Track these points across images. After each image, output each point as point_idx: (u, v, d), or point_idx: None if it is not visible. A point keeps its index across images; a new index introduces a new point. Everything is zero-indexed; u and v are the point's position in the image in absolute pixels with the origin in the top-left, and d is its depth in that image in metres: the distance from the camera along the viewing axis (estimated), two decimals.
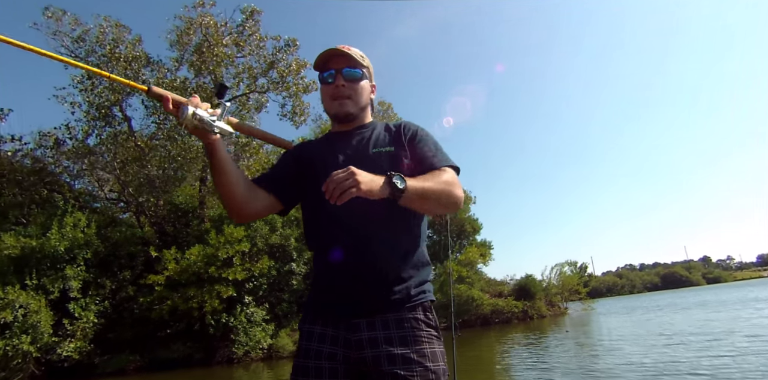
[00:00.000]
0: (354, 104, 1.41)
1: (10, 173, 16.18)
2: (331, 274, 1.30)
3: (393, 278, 1.26)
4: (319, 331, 1.28)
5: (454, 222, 29.91)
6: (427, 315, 1.28)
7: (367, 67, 1.46)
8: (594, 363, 7.53)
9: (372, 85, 1.50)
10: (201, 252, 14.26)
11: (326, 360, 1.23)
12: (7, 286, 11.91)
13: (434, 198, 1.20)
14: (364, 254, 1.26)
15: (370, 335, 1.22)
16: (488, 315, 23.88)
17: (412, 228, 1.34)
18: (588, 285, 30.54)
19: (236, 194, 1.28)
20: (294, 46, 19.88)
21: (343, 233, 1.29)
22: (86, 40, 17.73)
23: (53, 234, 13.39)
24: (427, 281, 1.34)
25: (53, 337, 12.32)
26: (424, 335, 1.24)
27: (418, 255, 1.32)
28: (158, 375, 12.47)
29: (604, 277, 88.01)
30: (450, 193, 1.23)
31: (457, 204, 1.25)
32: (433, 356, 1.22)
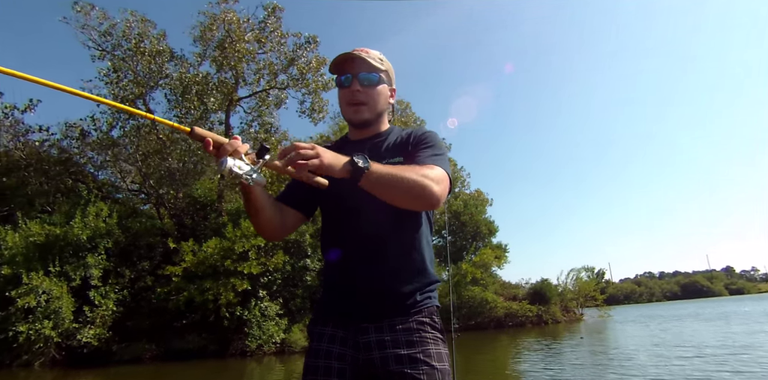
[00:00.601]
0: (370, 110, 1.39)
1: (37, 162, 16.62)
2: (341, 280, 1.36)
3: (400, 284, 1.30)
4: (329, 333, 1.32)
5: (469, 223, 29.75)
6: (433, 318, 1.32)
7: (386, 71, 1.42)
8: (607, 374, 7.35)
9: (391, 89, 1.47)
10: (218, 245, 14.44)
11: (336, 360, 1.28)
12: (32, 272, 12.26)
13: (400, 187, 1.15)
14: (373, 261, 1.31)
15: (378, 337, 1.26)
16: (502, 319, 23.67)
17: (420, 236, 1.36)
18: (605, 292, 30.07)
19: (270, 226, 1.34)
20: (314, 43, 20.01)
21: (353, 240, 1.34)
22: (113, 34, 18.11)
23: (76, 222, 13.73)
24: (432, 288, 1.37)
25: (74, 323, 12.64)
26: (430, 337, 1.28)
27: (425, 263, 1.35)
28: (173, 364, 12.65)
29: (621, 284, 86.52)
30: (420, 185, 1.16)
31: (426, 198, 1.18)
32: (439, 356, 1.26)
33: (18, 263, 12.53)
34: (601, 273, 31.84)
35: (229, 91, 19.25)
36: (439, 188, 1.20)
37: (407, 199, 1.19)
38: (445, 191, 1.23)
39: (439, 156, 1.34)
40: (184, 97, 17.93)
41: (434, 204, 1.20)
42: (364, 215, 1.32)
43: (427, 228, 1.41)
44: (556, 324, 24.55)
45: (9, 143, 16.58)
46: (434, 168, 1.25)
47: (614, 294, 62.66)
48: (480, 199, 32.97)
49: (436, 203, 1.20)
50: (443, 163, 1.31)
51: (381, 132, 1.47)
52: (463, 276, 23.51)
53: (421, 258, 1.34)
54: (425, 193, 1.17)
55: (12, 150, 16.56)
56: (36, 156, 16.68)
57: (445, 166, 1.30)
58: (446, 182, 1.25)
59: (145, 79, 18.36)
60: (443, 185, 1.22)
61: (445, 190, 1.24)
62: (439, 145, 1.39)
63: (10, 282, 12.11)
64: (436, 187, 1.19)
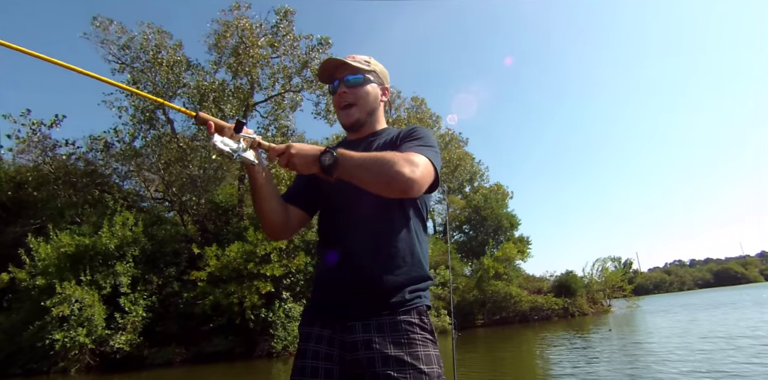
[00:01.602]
0: (360, 110, 1.44)
1: (65, 175, 17.21)
2: (328, 277, 1.35)
3: (388, 282, 1.27)
4: (316, 332, 1.31)
5: (490, 217, 29.54)
6: (422, 319, 1.28)
7: (374, 71, 1.47)
8: (637, 368, 7.18)
9: (384, 87, 1.51)
10: (240, 248, 14.72)
11: (323, 361, 1.26)
12: (64, 282, 12.74)
13: (371, 171, 1.15)
14: (360, 258, 1.30)
15: (364, 337, 1.24)
16: (527, 313, 23.47)
17: (411, 233, 1.34)
18: (633, 282, 29.43)
19: (274, 220, 1.38)
20: (327, 44, 20.12)
21: (341, 237, 1.35)
22: (131, 47, 18.62)
23: (104, 232, 14.19)
24: (423, 287, 1.33)
25: (106, 330, 13.09)
26: (419, 338, 1.25)
27: (415, 261, 1.32)
28: (203, 367, 12.98)
29: (650, 274, 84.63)
30: (391, 168, 1.14)
31: (398, 182, 1.14)
32: (427, 359, 1.22)
33: (51, 273, 13.03)
34: (628, 263, 31.15)
35: (245, 97, 19.56)
36: (413, 171, 1.15)
37: (379, 184, 1.16)
38: (423, 178, 1.18)
39: (425, 147, 1.31)
40: (201, 104, 18.28)
41: (408, 188, 1.15)
42: (351, 213, 1.35)
43: (418, 225, 1.38)
44: (583, 316, 24.20)
45: (38, 158, 17.21)
46: (413, 154, 1.23)
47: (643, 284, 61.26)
48: (500, 193, 32.71)
49: (410, 187, 1.15)
50: (428, 152, 1.28)
51: (376, 131, 1.50)
52: (485, 271, 23.38)
53: (410, 255, 1.32)
54: (397, 177, 1.13)
55: (41, 164, 17.19)
56: (64, 169, 17.26)
57: (429, 155, 1.27)
58: (425, 169, 1.21)
59: (163, 89, 18.82)
60: (420, 171, 1.17)
61: (424, 177, 1.19)
62: (426, 138, 1.36)
63: (44, 292, 12.61)
64: (408, 170, 1.15)
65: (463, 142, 33.22)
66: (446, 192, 34.03)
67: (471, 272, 26.74)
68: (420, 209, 1.40)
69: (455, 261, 25.65)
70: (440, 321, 20.35)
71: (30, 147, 17.03)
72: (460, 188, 33.87)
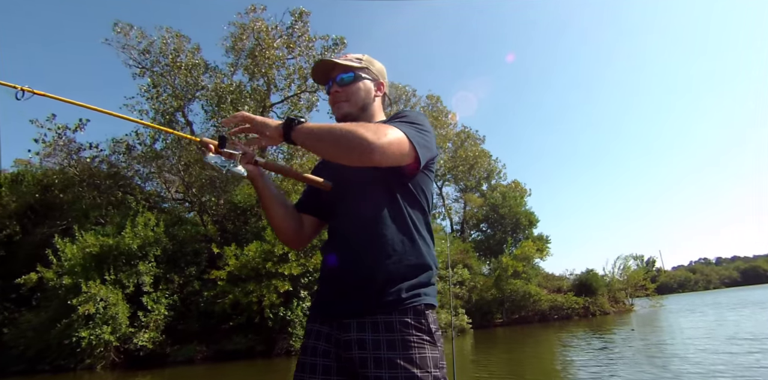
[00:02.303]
0: (350, 105, 1.46)
1: (89, 178, 17.69)
2: (327, 275, 1.36)
3: (383, 280, 1.24)
4: (316, 329, 1.33)
5: (508, 215, 29.28)
6: (419, 319, 1.24)
7: (365, 68, 1.49)
8: (660, 369, 6.99)
9: (379, 83, 1.53)
10: (258, 248, 14.91)
11: (321, 357, 1.27)
12: (90, 281, 13.08)
13: (329, 138, 1.14)
14: (356, 255, 1.29)
15: (358, 336, 1.22)
16: (546, 312, 23.23)
17: (411, 231, 1.31)
18: (656, 281, 28.87)
19: (284, 227, 1.45)
20: (342, 44, 20.25)
21: (340, 235, 1.36)
22: (151, 51, 19.04)
23: (127, 233, 14.54)
24: (423, 285, 1.29)
25: (130, 328, 13.40)
26: (414, 340, 1.20)
27: (415, 258, 1.29)
28: (224, 365, 13.20)
29: (674, 272, 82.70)
30: (351, 134, 1.11)
31: (358, 147, 1.11)
32: (422, 362, 1.18)
33: (77, 273, 13.40)
34: (651, 261, 30.58)
35: (262, 98, 19.81)
36: (377, 138, 1.11)
37: (339, 148, 1.13)
38: (390, 145, 1.14)
39: (405, 123, 1.27)
40: (219, 106, 18.60)
41: (369, 151, 1.10)
42: (343, 209, 1.36)
43: (420, 222, 1.35)
44: (605, 315, 23.83)
45: (63, 161, 17.71)
46: (383, 125, 1.20)
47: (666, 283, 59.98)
48: (518, 190, 32.40)
49: (371, 150, 1.10)
50: (404, 127, 1.23)
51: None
52: (504, 270, 23.21)
53: (409, 253, 1.29)
54: (357, 141, 1.10)
55: (66, 167, 17.69)
56: (88, 172, 17.74)
57: (404, 128, 1.22)
58: (394, 138, 1.16)
59: (182, 92, 19.21)
60: (387, 139, 1.13)
61: (391, 145, 1.14)
62: (410, 117, 1.33)
63: (70, 291, 12.97)
64: (371, 136, 1.11)
65: (480, 140, 33.01)
66: (463, 190, 33.87)
67: (489, 271, 26.57)
68: (417, 197, 1.36)
69: (473, 259, 25.50)
70: (459, 320, 20.29)
71: (56, 150, 17.54)
72: (478, 186, 33.64)
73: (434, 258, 1.35)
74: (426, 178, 1.39)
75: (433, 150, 1.34)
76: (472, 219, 32.68)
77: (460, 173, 32.11)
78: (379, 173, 1.28)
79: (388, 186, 1.31)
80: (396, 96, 30.55)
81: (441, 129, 29.50)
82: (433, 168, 1.40)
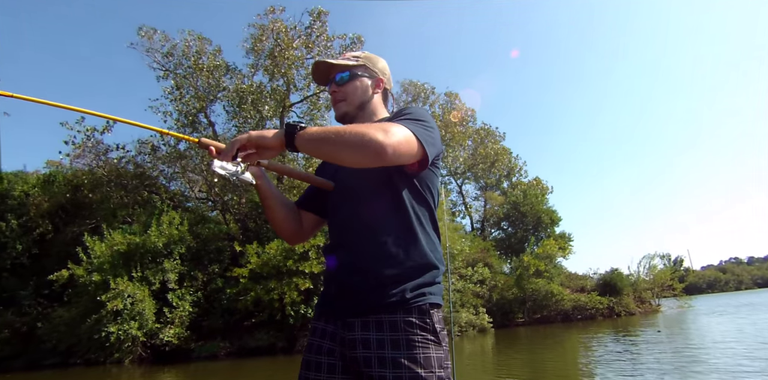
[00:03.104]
0: (348, 104, 1.46)
1: (116, 178, 18.24)
2: (330, 273, 1.35)
3: (387, 279, 1.23)
4: (321, 327, 1.32)
5: (529, 213, 28.92)
6: (423, 318, 1.22)
7: (363, 65, 1.49)
8: (688, 372, 6.77)
9: (378, 79, 1.51)
10: (279, 246, 15.13)
11: (326, 356, 1.27)
12: (118, 278, 13.53)
13: (337, 141, 1.10)
14: (358, 254, 1.28)
15: (363, 335, 1.22)
16: (569, 311, 22.87)
17: (414, 228, 1.29)
18: (684, 281, 28.09)
19: (284, 227, 1.46)
20: (359, 42, 20.34)
21: (342, 233, 1.35)
22: (174, 54, 19.47)
23: (153, 231, 14.95)
24: (428, 284, 1.27)
25: (156, 324, 13.81)
26: (419, 339, 1.19)
27: (418, 256, 1.27)
28: (246, 360, 13.44)
29: (703, 272, 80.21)
30: (359, 134, 1.08)
31: (368, 147, 1.08)
32: (426, 362, 1.17)
33: (106, 270, 13.86)
34: (678, 261, 29.76)
35: (281, 98, 20.03)
36: (388, 138, 1.09)
37: (348, 152, 1.10)
38: (400, 144, 1.12)
39: (410, 121, 1.24)
40: (240, 107, 18.91)
41: (381, 150, 1.08)
42: (343, 206, 1.36)
43: (425, 218, 1.33)
44: (630, 316, 23.32)
45: (92, 162, 18.31)
46: (389, 123, 1.17)
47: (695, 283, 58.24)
48: (539, 187, 31.96)
49: (383, 149, 1.08)
50: (411, 124, 1.21)
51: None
52: (525, 269, 22.95)
53: (413, 251, 1.26)
54: (366, 141, 1.07)
55: (95, 168, 18.28)
56: (115, 172, 18.29)
57: (411, 126, 1.20)
58: (403, 137, 1.14)
59: (204, 93, 19.60)
60: (396, 138, 1.11)
61: (401, 144, 1.12)
62: (414, 114, 1.30)
63: (100, 288, 13.42)
64: (380, 135, 1.08)
65: (500, 137, 32.66)
66: (483, 188, 33.59)
67: (510, 269, 26.30)
68: (422, 193, 1.34)
69: (493, 258, 25.30)
70: (479, 319, 20.18)
71: (85, 152, 18.13)
72: (498, 184, 33.30)
73: (440, 255, 1.33)
74: (432, 174, 1.37)
75: (439, 146, 1.31)
76: (493, 218, 32.38)
77: (480, 171, 31.80)
78: (385, 171, 1.27)
79: (392, 183, 1.30)
80: (414, 94, 30.48)
81: (460, 126, 29.31)
82: (438, 164, 1.38)
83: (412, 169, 1.27)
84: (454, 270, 20.71)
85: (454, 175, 32.73)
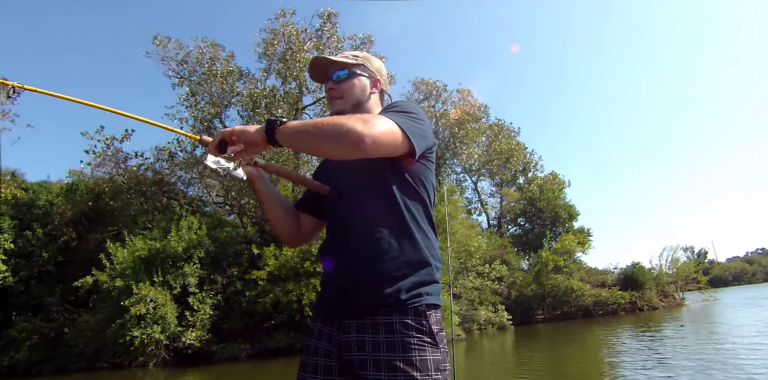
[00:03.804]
0: (344, 102, 1.46)
1: (136, 185, 18.65)
2: (326, 275, 1.36)
3: (381, 275, 1.22)
4: (318, 328, 1.32)
5: (546, 209, 28.62)
6: (419, 320, 1.20)
7: (361, 64, 1.49)
8: (713, 368, 6.61)
9: (376, 79, 1.52)
10: (297, 248, 15.27)
11: (322, 357, 1.27)
12: (140, 283, 13.82)
13: (315, 133, 1.11)
14: (352, 252, 1.28)
15: (358, 337, 1.21)
16: (590, 307, 22.58)
17: (408, 226, 1.28)
18: (709, 273, 27.50)
19: (282, 227, 1.48)
20: (369, 42, 20.44)
21: (337, 233, 1.36)
22: (188, 61, 19.82)
23: (173, 236, 15.24)
24: (424, 283, 1.25)
25: (178, 327, 14.06)
26: (414, 341, 1.18)
27: (413, 255, 1.26)
28: (267, 362, 13.61)
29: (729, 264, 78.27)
30: (337, 126, 1.08)
31: (346, 137, 1.08)
32: (422, 364, 1.16)
33: (128, 275, 14.18)
34: (702, 253, 29.14)
35: (294, 101, 20.23)
36: (367, 128, 1.08)
37: (328, 144, 1.10)
38: (382, 135, 1.11)
39: (395, 113, 1.24)
40: (255, 111, 19.13)
41: (359, 143, 1.08)
42: (345, 208, 1.34)
43: (420, 215, 1.32)
44: (653, 310, 22.92)
45: (112, 170, 18.73)
46: (371, 115, 1.17)
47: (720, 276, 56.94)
48: (556, 182, 31.61)
49: (361, 142, 1.07)
50: (395, 116, 1.20)
51: None
52: (544, 265, 22.75)
53: (407, 249, 1.25)
54: (344, 132, 1.07)
55: (115, 176, 18.71)
56: (135, 179, 18.70)
57: (395, 118, 1.19)
58: (385, 128, 1.13)
59: (219, 99, 19.91)
60: (377, 128, 1.10)
61: (383, 134, 1.12)
62: (401, 107, 1.29)
63: (123, 293, 13.74)
64: (358, 126, 1.08)
65: (515, 132, 32.36)
66: (499, 184, 33.32)
67: (528, 266, 26.08)
68: (416, 189, 1.33)
69: (511, 255, 25.11)
70: (498, 316, 20.07)
71: (105, 160, 18.55)
72: (514, 180, 33.01)
73: (437, 252, 1.32)
74: (425, 168, 1.35)
75: (429, 139, 1.30)
76: (509, 214, 32.12)
77: (495, 167, 31.56)
78: (376, 168, 1.27)
79: (385, 180, 1.29)
80: (426, 92, 30.38)
81: (474, 122, 29.12)
82: (431, 157, 1.36)
83: (402, 162, 1.27)
84: (472, 267, 20.64)
85: (468, 172, 32.57)
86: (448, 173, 31.54)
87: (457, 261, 19.01)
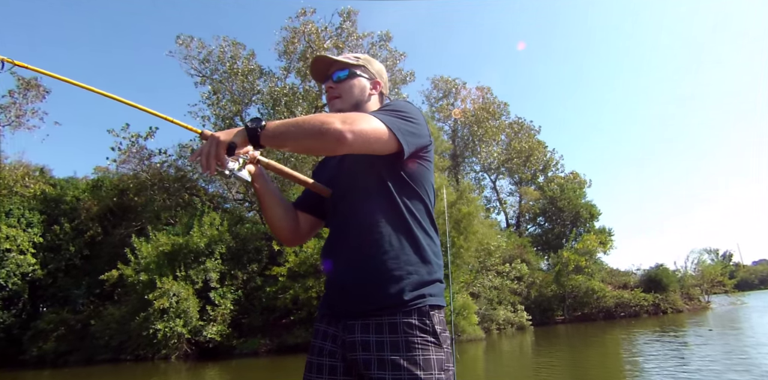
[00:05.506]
0: (343, 102, 1.45)
1: (159, 181, 19.00)
2: (329, 276, 1.36)
3: (383, 279, 1.23)
4: (323, 329, 1.33)
5: (567, 208, 28.21)
6: (423, 320, 1.22)
7: (362, 66, 1.48)
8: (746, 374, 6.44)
9: (376, 81, 1.51)
10: (316, 245, 15.34)
11: (327, 357, 1.28)
12: (163, 277, 14.10)
13: (297, 132, 1.11)
14: (353, 255, 1.28)
15: (362, 338, 1.22)
16: (612, 309, 22.18)
17: (409, 226, 1.29)
18: (735, 276, 26.75)
19: (280, 226, 1.45)
20: (387, 39, 20.43)
21: (338, 234, 1.35)
22: (210, 60, 20.09)
23: (195, 232, 15.49)
24: (427, 283, 1.26)
25: (200, 321, 14.30)
26: (418, 341, 1.19)
27: (414, 254, 1.27)
28: (286, 357, 13.72)
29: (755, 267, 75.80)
30: (317, 124, 1.09)
31: (326, 135, 1.09)
32: (426, 364, 1.17)
33: (152, 270, 14.47)
34: (728, 256, 28.35)
35: (313, 99, 20.31)
36: (345, 124, 1.10)
37: (310, 141, 1.12)
38: (363, 132, 1.13)
39: (383, 112, 1.24)
40: (275, 109, 19.29)
41: (340, 139, 1.09)
42: (345, 208, 1.34)
43: (421, 215, 1.32)
44: (677, 313, 22.41)
45: (137, 167, 19.14)
46: (355, 113, 1.19)
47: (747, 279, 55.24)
48: (577, 181, 31.12)
49: (342, 138, 1.09)
50: (382, 115, 1.21)
51: None
52: (564, 265, 22.41)
53: (408, 249, 1.26)
54: (324, 129, 1.09)
55: (139, 172, 19.10)
56: (158, 176, 19.05)
57: (381, 116, 1.20)
58: (368, 125, 1.15)
59: (240, 97, 20.15)
60: (359, 126, 1.12)
61: (365, 132, 1.13)
62: (394, 106, 1.30)
63: (147, 287, 14.03)
64: (338, 123, 1.10)
65: (535, 131, 31.94)
66: (518, 183, 32.95)
67: (548, 266, 25.74)
68: (415, 189, 1.33)
69: (530, 254, 24.82)
70: (517, 316, 19.87)
71: (129, 157, 18.98)
72: (534, 178, 32.58)
73: (438, 252, 1.33)
74: (423, 168, 1.34)
75: (424, 137, 1.30)
76: (529, 213, 31.74)
77: (514, 166, 31.19)
78: (375, 169, 1.28)
79: (384, 181, 1.29)
80: (445, 90, 30.21)
81: (493, 120, 28.86)
82: (428, 157, 1.35)
83: (397, 161, 1.26)
84: (491, 266, 20.47)
85: (487, 171, 32.28)
86: (467, 171, 31.32)
87: (476, 260, 18.87)
